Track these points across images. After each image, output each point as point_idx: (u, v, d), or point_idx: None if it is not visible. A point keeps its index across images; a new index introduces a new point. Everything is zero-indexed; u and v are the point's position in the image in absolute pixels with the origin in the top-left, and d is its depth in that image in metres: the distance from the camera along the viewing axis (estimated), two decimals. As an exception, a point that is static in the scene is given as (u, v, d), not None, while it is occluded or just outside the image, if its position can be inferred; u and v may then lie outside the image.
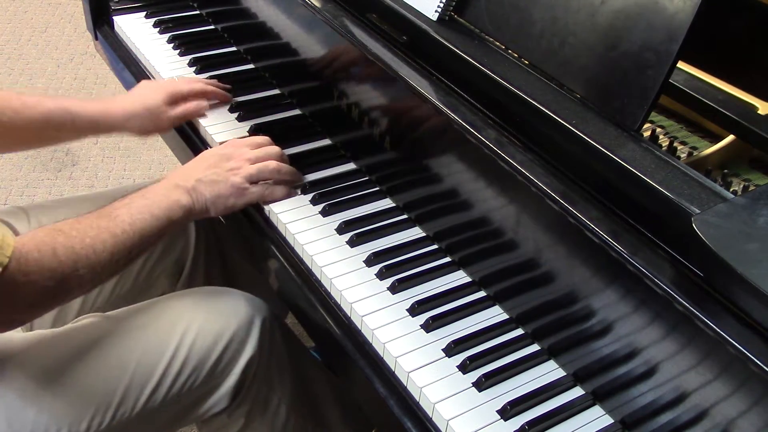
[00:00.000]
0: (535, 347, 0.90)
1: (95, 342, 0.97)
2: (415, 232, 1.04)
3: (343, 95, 1.13)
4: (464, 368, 0.86)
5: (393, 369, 0.88)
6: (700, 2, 0.77)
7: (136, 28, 1.48)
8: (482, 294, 0.96)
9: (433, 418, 0.83)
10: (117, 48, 1.49)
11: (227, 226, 1.24)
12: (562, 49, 0.88)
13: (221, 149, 1.09)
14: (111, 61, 1.54)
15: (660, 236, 0.74)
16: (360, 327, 0.92)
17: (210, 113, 1.26)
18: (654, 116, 1.07)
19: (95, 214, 0.92)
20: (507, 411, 0.82)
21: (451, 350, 0.88)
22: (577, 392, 0.86)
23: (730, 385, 0.67)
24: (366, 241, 1.02)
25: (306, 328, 1.06)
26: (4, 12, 3.10)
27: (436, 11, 1.01)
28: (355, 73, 1.09)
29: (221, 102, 1.28)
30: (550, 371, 0.88)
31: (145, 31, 1.48)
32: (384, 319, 0.91)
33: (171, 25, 1.48)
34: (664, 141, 1.02)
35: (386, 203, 1.09)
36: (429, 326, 0.90)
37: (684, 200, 0.72)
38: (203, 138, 1.24)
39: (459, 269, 0.99)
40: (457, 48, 0.95)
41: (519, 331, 0.92)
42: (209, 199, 1.02)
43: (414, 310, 0.92)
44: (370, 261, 0.98)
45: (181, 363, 0.99)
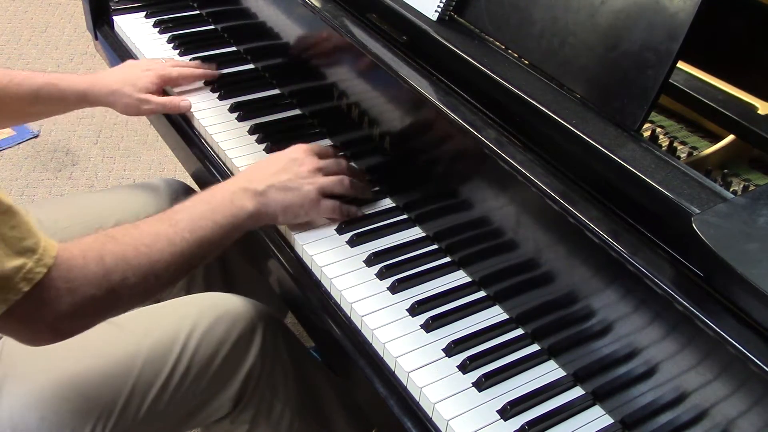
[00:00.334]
0: (535, 347, 0.90)
1: (99, 348, 0.96)
2: (415, 232, 1.04)
3: (343, 95, 1.13)
4: (464, 368, 0.86)
5: (393, 369, 0.88)
6: (700, 2, 0.77)
7: (136, 28, 1.48)
8: (482, 294, 0.96)
9: (433, 418, 0.83)
10: (117, 48, 1.49)
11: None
12: (562, 49, 0.88)
13: (290, 153, 1.03)
14: (111, 61, 1.54)
15: (660, 236, 0.74)
16: (360, 327, 0.92)
17: (209, 112, 1.26)
18: (654, 116, 1.07)
19: (154, 219, 0.88)
20: (507, 411, 0.82)
21: (451, 350, 0.88)
22: (577, 392, 0.86)
23: (730, 385, 0.67)
24: (366, 241, 1.02)
25: (306, 328, 1.06)
26: (4, 12, 3.10)
27: (436, 11, 1.01)
28: (355, 73, 1.09)
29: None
30: (550, 371, 0.88)
31: (145, 31, 1.48)
32: (384, 319, 0.91)
33: (171, 25, 1.48)
34: (664, 141, 1.02)
35: (386, 203, 1.09)
36: (429, 326, 0.90)
37: (684, 200, 0.72)
38: (203, 138, 1.24)
39: (459, 269, 0.99)
40: (457, 48, 0.95)
41: (519, 331, 0.92)
42: (280, 207, 0.97)
43: (414, 310, 0.92)
44: (370, 261, 0.98)
45: (184, 369, 0.98)
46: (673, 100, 1.04)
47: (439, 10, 1.00)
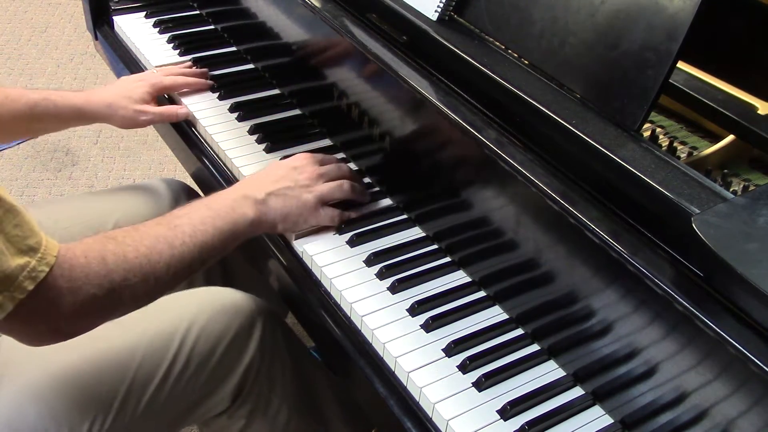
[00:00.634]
0: (535, 347, 0.90)
1: (97, 343, 0.96)
2: (415, 232, 1.04)
3: (343, 95, 1.13)
4: (464, 368, 0.86)
5: (393, 369, 0.88)
6: (700, 2, 0.77)
7: (136, 28, 1.48)
8: (482, 294, 0.96)
9: (433, 418, 0.83)
10: (117, 48, 1.49)
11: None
12: (562, 49, 0.88)
13: (292, 162, 1.04)
14: (111, 61, 1.54)
15: (660, 236, 0.74)
16: (360, 327, 0.92)
17: (209, 112, 1.26)
18: (654, 116, 1.07)
19: (154, 222, 0.88)
20: (507, 411, 0.82)
21: (451, 350, 0.88)
22: (577, 392, 0.86)
23: (730, 385, 0.67)
24: (366, 241, 1.02)
25: (306, 328, 1.06)
26: (4, 12, 3.10)
27: (436, 11, 1.01)
28: (355, 74, 1.09)
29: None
30: (550, 371, 0.88)
31: (145, 31, 1.48)
32: (384, 319, 0.91)
33: (171, 25, 1.48)
34: (664, 141, 1.02)
35: (386, 203, 1.09)
36: (429, 326, 0.90)
37: (684, 200, 0.72)
38: (203, 138, 1.24)
39: (459, 269, 0.99)
40: (457, 48, 0.95)
41: (519, 331, 0.92)
42: (279, 215, 0.98)
43: (414, 310, 0.92)
44: (370, 261, 0.98)
45: (183, 364, 0.99)
46: (673, 100, 1.04)
47: (439, 10, 1.00)
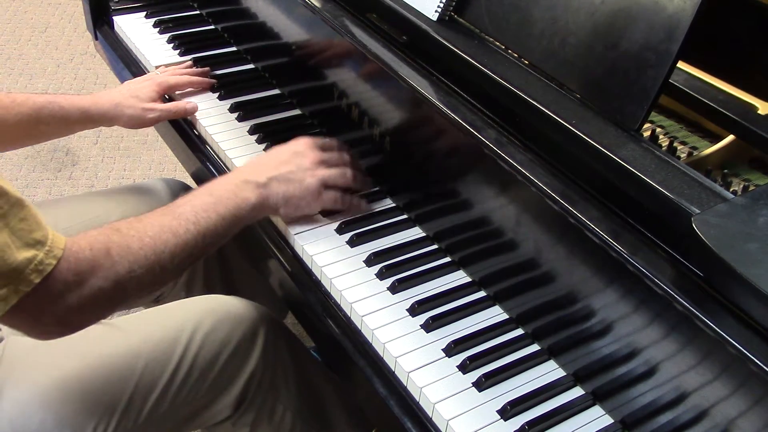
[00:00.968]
0: (535, 347, 0.90)
1: (100, 350, 0.96)
2: (415, 232, 1.04)
3: (343, 95, 1.13)
4: (464, 368, 0.86)
5: (393, 369, 0.87)
6: (700, 2, 0.77)
7: (136, 28, 1.48)
8: (482, 294, 0.96)
9: (433, 418, 0.83)
10: (117, 48, 1.49)
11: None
12: (562, 49, 0.88)
13: (293, 146, 1.03)
14: (111, 61, 1.54)
15: (660, 236, 0.74)
16: (360, 327, 0.92)
17: (209, 112, 1.26)
18: (654, 116, 1.07)
19: (158, 212, 0.88)
20: (507, 411, 0.82)
21: (451, 350, 0.88)
22: (577, 392, 0.86)
23: (730, 385, 0.67)
24: (366, 241, 1.02)
25: (306, 329, 1.06)
26: (4, 12, 3.10)
27: (436, 11, 1.01)
28: (355, 74, 1.09)
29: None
30: (550, 371, 0.88)
31: (145, 31, 1.48)
32: (384, 319, 0.91)
33: (171, 25, 1.48)
34: (664, 141, 1.02)
35: (386, 203, 1.09)
36: (429, 326, 0.90)
37: (684, 200, 0.72)
38: (203, 138, 1.24)
39: (459, 269, 0.99)
40: (457, 48, 0.95)
41: (519, 331, 0.92)
42: (281, 199, 0.98)
43: (414, 310, 0.92)
44: (370, 261, 0.98)
45: (186, 371, 0.98)
46: (673, 100, 1.04)
47: (439, 10, 1.00)
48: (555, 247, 0.84)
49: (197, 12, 1.53)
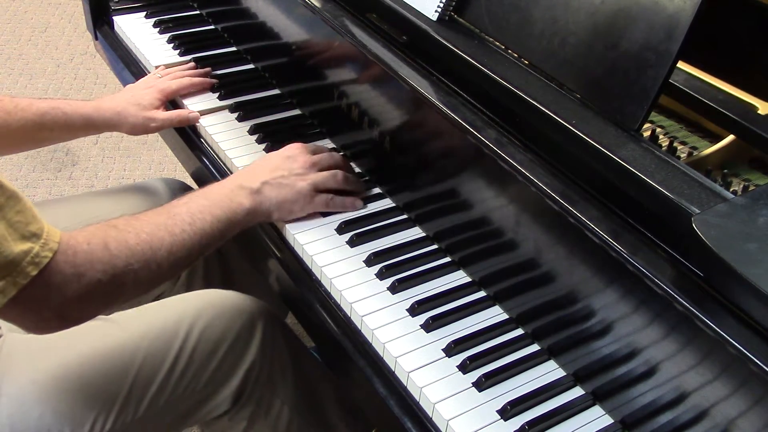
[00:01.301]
0: (535, 347, 0.90)
1: (98, 345, 0.97)
2: (415, 232, 1.04)
3: (343, 95, 1.13)
4: (464, 368, 0.86)
5: (393, 369, 0.88)
6: (700, 2, 0.77)
7: (136, 28, 1.48)
8: (482, 294, 0.96)
9: (433, 418, 0.83)
10: (117, 48, 1.49)
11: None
12: (562, 49, 0.88)
13: (285, 151, 1.06)
14: (111, 61, 1.54)
15: (660, 236, 0.74)
16: (360, 327, 0.92)
17: (208, 113, 1.26)
18: (654, 116, 1.07)
19: (153, 212, 0.90)
20: (507, 411, 0.82)
21: (451, 350, 0.88)
22: (577, 392, 0.86)
23: (730, 385, 0.67)
24: (366, 241, 1.02)
25: (306, 328, 1.06)
26: (4, 12, 3.10)
27: (436, 11, 1.01)
28: (355, 74, 1.09)
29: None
30: (550, 371, 0.88)
31: (145, 31, 1.48)
32: (384, 319, 0.91)
33: (171, 25, 1.48)
34: (664, 141, 1.02)
35: (386, 203, 1.09)
36: (429, 326, 0.90)
37: (684, 200, 0.72)
38: (203, 138, 1.24)
39: (459, 269, 0.99)
40: (457, 48, 0.95)
41: (519, 331, 0.92)
42: (274, 204, 1.00)
43: (414, 310, 0.92)
44: (370, 261, 0.98)
45: (184, 365, 0.99)
46: (673, 100, 1.04)
47: (439, 10, 1.00)
48: (555, 247, 0.84)
49: (197, 12, 1.53)
